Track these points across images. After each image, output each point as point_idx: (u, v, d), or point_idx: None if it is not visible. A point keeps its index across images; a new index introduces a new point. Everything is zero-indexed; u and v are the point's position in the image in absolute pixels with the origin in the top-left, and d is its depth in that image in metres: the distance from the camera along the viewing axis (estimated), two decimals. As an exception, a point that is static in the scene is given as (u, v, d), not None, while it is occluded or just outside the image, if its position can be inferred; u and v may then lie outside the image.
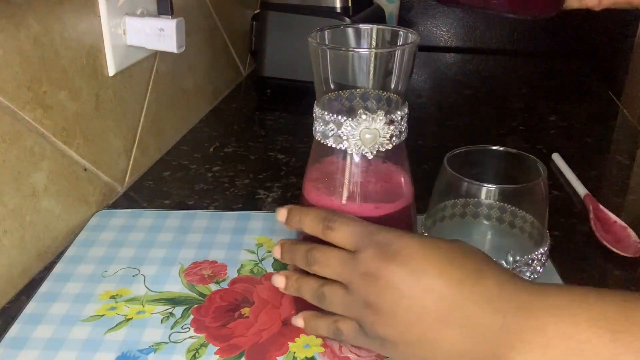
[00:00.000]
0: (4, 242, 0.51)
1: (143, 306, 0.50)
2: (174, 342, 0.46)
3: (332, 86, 0.42)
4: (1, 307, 0.51)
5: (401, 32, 0.43)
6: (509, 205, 0.46)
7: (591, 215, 0.62)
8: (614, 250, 0.57)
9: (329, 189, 0.43)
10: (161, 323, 0.48)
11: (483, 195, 0.45)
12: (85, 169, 0.62)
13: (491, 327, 0.34)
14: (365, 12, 1.00)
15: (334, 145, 0.41)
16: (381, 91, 0.43)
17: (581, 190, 0.68)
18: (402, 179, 0.45)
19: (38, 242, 0.56)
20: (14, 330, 0.47)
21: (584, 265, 0.56)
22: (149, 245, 0.58)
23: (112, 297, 0.51)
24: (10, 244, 0.52)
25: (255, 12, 1.08)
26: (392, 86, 0.42)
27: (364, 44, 0.45)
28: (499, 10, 0.58)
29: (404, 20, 1.28)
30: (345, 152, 0.41)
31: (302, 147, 0.79)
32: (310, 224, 0.41)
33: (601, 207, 0.63)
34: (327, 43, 0.43)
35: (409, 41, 0.42)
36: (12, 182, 0.52)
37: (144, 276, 0.54)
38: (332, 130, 0.41)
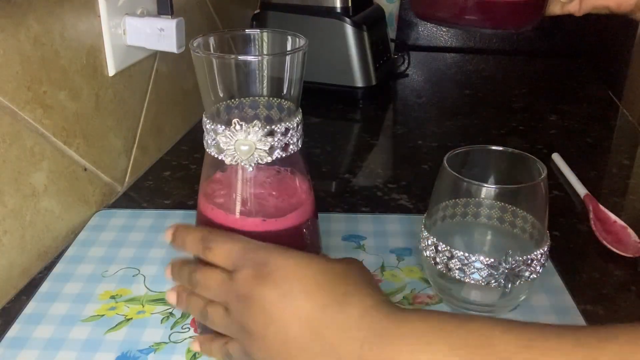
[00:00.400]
0: (4, 242, 0.51)
1: (143, 306, 0.50)
2: (174, 342, 0.46)
3: (220, 94, 0.40)
4: (1, 307, 0.51)
5: (289, 37, 0.41)
6: (510, 206, 0.46)
7: (591, 215, 0.62)
8: (614, 250, 0.57)
9: (216, 202, 0.42)
10: (161, 323, 0.48)
11: (483, 195, 0.45)
12: (85, 169, 0.62)
13: (349, 356, 0.33)
14: (365, 12, 1.00)
15: (215, 156, 0.39)
16: (273, 99, 0.41)
17: (581, 190, 0.68)
18: (297, 191, 0.43)
19: (38, 242, 0.56)
20: (14, 330, 0.47)
21: (584, 265, 0.56)
22: (149, 245, 0.58)
23: (112, 297, 0.51)
24: (10, 244, 0.52)
25: (255, 12, 1.08)
26: (284, 93, 0.40)
27: (251, 51, 0.43)
28: (477, 27, 0.57)
29: (404, 20, 1.28)
30: (231, 163, 0.39)
31: (302, 147, 0.79)
32: (190, 244, 0.40)
33: (601, 207, 0.63)
34: (212, 51, 0.40)
35: (298, 46, 0.40)
36: (12, 182, 0.52)
37: (144, 276, 0.54)
38: (214, 139, 0.39)
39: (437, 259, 0.46)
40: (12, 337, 0.46)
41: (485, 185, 0.45)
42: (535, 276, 0.46)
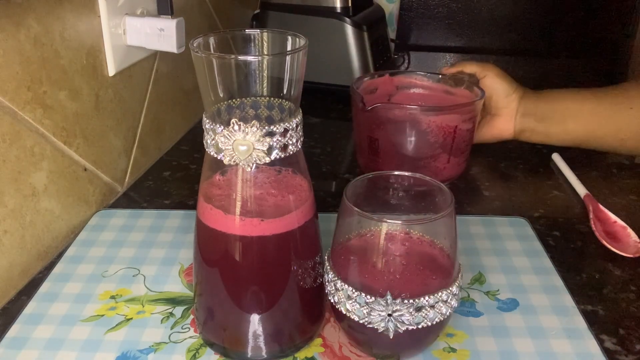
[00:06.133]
0: (4, 242, 0.51)
1: (143, 306, 0.50)
2: (174, 342, 0.46)
3: (220, 94, 0.40)
4: (1, 307, 0.51)
5: (289, 37, 0.41)
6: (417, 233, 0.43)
7: (591, 215, 0.62)
8: (614, 250, 0.57)
9: (215, 202, 0.41)
10: (161, 323, 0.48)
11: (385, 228, 0.41)
12: (85, 169, 0.62)
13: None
14: (365, 12, 1.00)
15: (215, 155, 0.39)
16: (274, 99, 0.40)
17: (581, 190, 0.68)
18: (296, 191, 0.42)
19: (38, 242, 0.56)
20: (14, 330, 0.47)
21: (584, 265, 0.56)
22: (149, 245, 0.58)
23: (112, 297, 0.51)
24: (10, 244, 0.52)
25: (255, 12, 1.08)
26: (284, 93, 0.40)
27: (251, 51, 0.42)
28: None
29: (404, 20, 1.28)
30: (230, 163, 0.39)
31: (302, 147, 0.79)
32: None
33: (601, 207, 0.63)
34: (212, 51, 0.40)
35: (298, 46, 0.40)
36: (12, 182, 0.52)
37: (144, 276, 0.54)
38: (213, 139, 0.39)
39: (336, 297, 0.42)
40: (12, 337, 0.46)
41: (379, 219, 0.40)
42: (440, 319, 0.40)
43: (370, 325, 0.40)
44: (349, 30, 0.95)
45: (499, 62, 1.24)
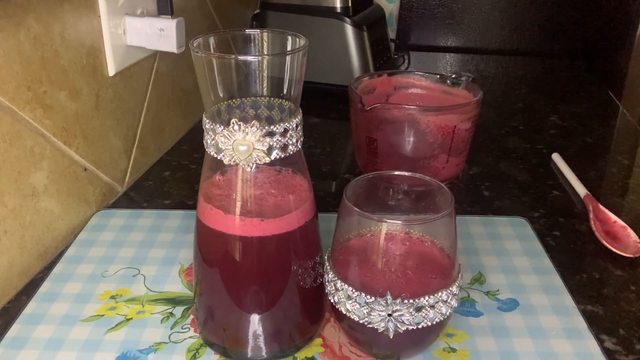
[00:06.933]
0: (4, 242, 0.51)
1: (143, 306, 0.50)
2: (174, 342, 0.46)
3: (220, 94, 0.40)
4: (1, 307, 0.51)
5: (289, 37, 0.41)
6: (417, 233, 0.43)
7: (591, 215, 0.62)
8: (614, 250, 0.57)
9: (215, 202, 0.41)
10: (161, 323, 0.48)
11: (385, 229, 0.41)
12: (85, 169, 0.62)
13: None
14: (365, 12, 1.00)
15: (215, 155, 0.40)
16: (274, 99, 0.40)
17: (581, 190, 0.68)
18: (296, 191, 0.42)
19: (38, 242, 0.56)
20: (14, 330, 0.47)
21: (584, 265, 0.56)
22: (149, 245, 0.58)
23: (112, 297, 0.51)
24: (10, 244, 0.52)
25: (255, 12, 1.08)
26: (284, 93, 0.40)
27: (251, 51, 0.42)
28: None
29: (404, 20, 1.28)
30: (230, 163, 0.39)
31: (303, 147, 0.79)
32: None
33: (601, 207, 0.63)
34: (212, 51, 0.40)
35: (298, 46, 0.40)
36: (12, 182, 0.52)
37: (144, 276, 0.54)
38: (213, 139, 0.39)
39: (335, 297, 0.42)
40: (12, 337, 0.46)
41: (387, 220, 0.40)
42: (440, 319, 0.40)
43: (370, 325, 0.40)
44: (349, 30, 0.95)
45: (499, 62, 1.24)
